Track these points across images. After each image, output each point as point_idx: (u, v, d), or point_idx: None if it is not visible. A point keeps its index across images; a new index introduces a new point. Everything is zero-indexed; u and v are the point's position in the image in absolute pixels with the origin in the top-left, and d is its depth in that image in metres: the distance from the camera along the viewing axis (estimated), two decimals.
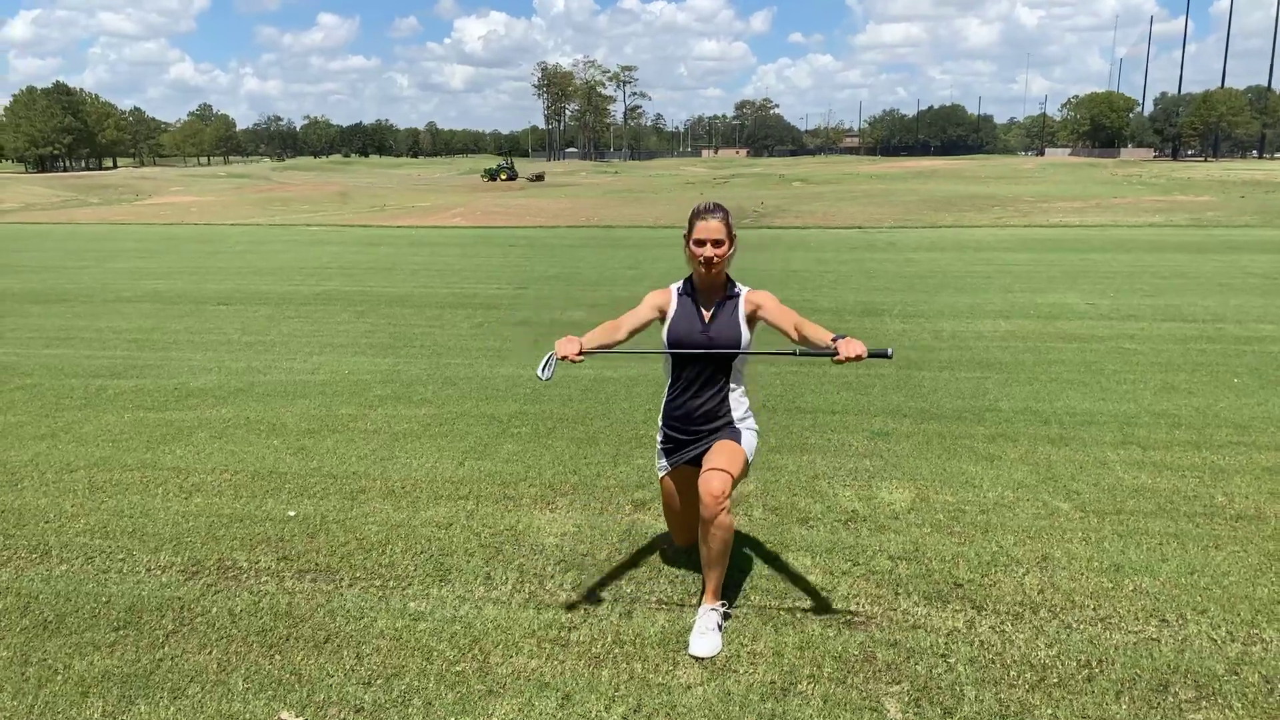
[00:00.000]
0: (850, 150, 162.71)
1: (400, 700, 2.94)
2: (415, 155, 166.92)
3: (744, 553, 3.98)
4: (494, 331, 9.24)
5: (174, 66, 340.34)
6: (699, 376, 3.48)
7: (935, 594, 3.63)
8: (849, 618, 3.45)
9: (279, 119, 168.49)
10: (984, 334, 8.77)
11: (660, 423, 3.63)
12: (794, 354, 3.26)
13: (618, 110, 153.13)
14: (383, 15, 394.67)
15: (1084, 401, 6.32)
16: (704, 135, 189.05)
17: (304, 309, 10.84)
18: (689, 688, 3.01)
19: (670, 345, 3.46)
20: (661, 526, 4.28)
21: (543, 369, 3.18)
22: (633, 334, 3.44)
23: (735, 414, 3.51)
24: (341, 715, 2.87)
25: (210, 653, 3.23)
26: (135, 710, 2.90)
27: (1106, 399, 6.37)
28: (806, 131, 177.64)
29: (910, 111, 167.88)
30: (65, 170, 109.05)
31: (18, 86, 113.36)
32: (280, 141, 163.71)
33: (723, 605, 3.40)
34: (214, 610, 3.53)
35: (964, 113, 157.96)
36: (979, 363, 7.55)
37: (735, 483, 3.36)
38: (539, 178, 59.01)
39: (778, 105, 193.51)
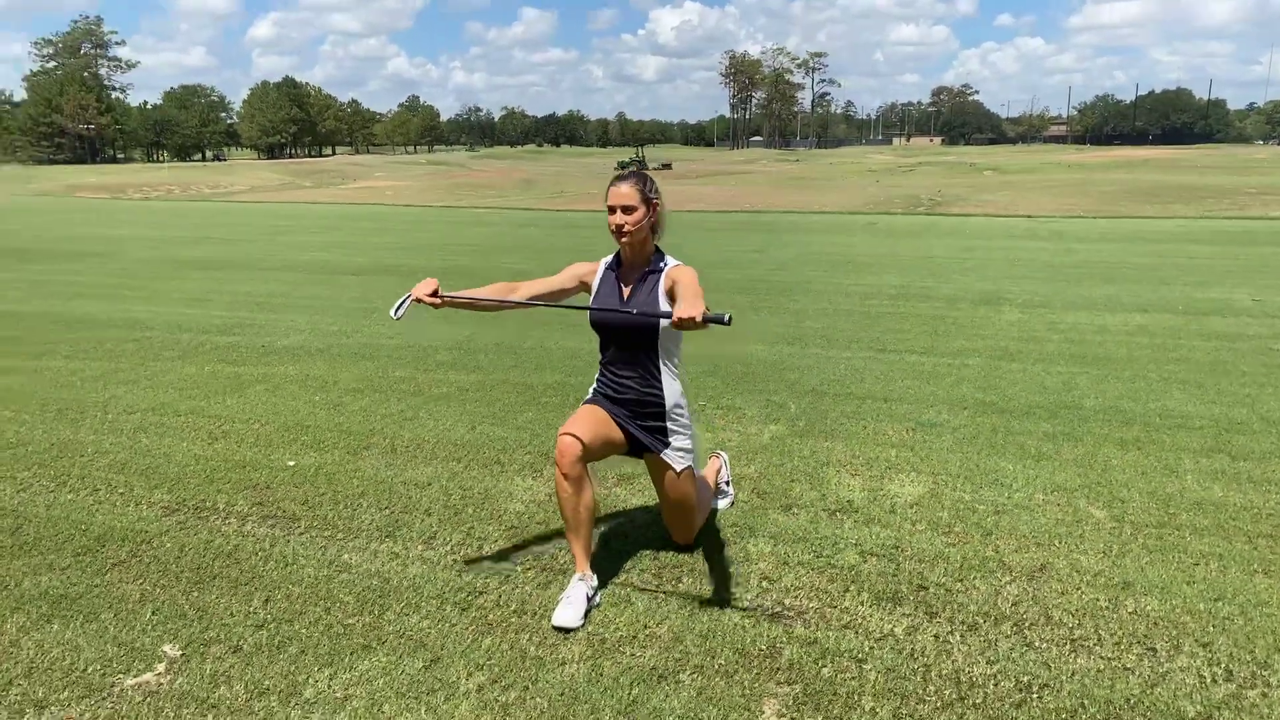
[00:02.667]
0: (1056, 139, 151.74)
1: (278, 645, 2.94)
2: (604, 145, 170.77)
3: (703, 535, 3.72)
4: None
5: (391, 61, 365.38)
6: (622, 354, 3.27)
7: (890, 595, 3.25)
8: (778, 610, 3.15)
9: (479, 110, 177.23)
10: (1107, 328, 7.86)
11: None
12: (630, 313, 3.10)
13: (805, 98, 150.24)
14: (581, 7, 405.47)
15: (1185, 403, 5.51)
16: (896, 123, 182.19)
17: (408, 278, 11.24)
18: (563, 664, 2.83)
19: (592, 323, 3.28)
20: (634, 503, 4.09)
21: (396, 308, 3.14)
22: (535, 299, 3.26)
23: (668, 400, 3.28)
24: (218, 654, 2.90)
25: (139, 583, 3.36)
26: (47, 629, 3.05)
27: (1215, 402, 5.53)
28: (1007, 119, 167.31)
29: (1128, 97, 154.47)
30: (291, 157, 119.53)
31: (257, 82, 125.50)
32: (479, 131, 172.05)
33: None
34: (167, 545, 3.68)
35: (1190, 98, 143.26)
36: (1081, 357, 6.77)
37: (696, 505, 3.45)
38: (666, 166, 61.04)
39: (977, 91, 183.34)
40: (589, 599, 3.13)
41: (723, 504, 4.02)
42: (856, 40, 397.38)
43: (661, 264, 3.25)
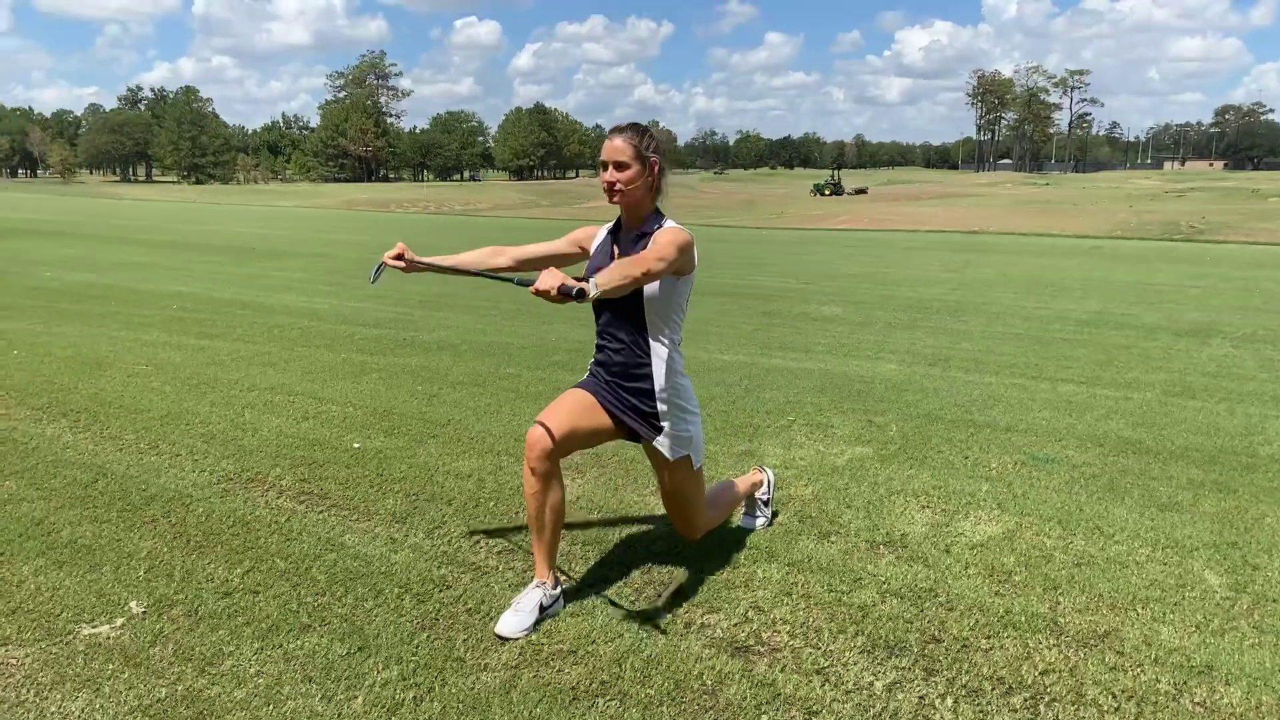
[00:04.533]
0: None
1: (229, 614, 2.92)
2: (839, 168, 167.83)
3: (713, 553, 3.36)
4: (724, 318, 8.90)
5: (638, 89, 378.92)
6: (610, 323, 2.98)
7: (891, 643, 2.75)
8: (750, 644, 2.75)
9: (714, 133, 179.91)
10: None
11: None
12: (476, 274, 2.96)
13: (1062, 119, 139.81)
14: (826, 31, 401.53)
15: None
16: (1169, 145, 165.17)
17: None
18: (481, 670, 2.61)
19: None
20: (644, 503, 3.79)
21: (372, 274, 3.07)
22: (525, 263, 3.04)
23: (658, 378, 2.95)
24: (174, 615, 2.92)
25: (152, 541, 3.49)
26: (54, 574, 3.22)
27: None
28: None
29: None
30: (538, 179, 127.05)
31: (515, 108, 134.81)
32: (714, 155, 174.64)
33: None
34: (198, 510, 3.81)
35: None
36: None
37: (704, 502, 3.17)
38: (860, 191, 59.69)
39: (1271, 110, 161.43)
40: (542, 607, 2.88)
41: (756, 524, 3.63)
42: (1127, 57, 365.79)
43: (656, 224, 2.92)
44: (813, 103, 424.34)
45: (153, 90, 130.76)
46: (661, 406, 2.96)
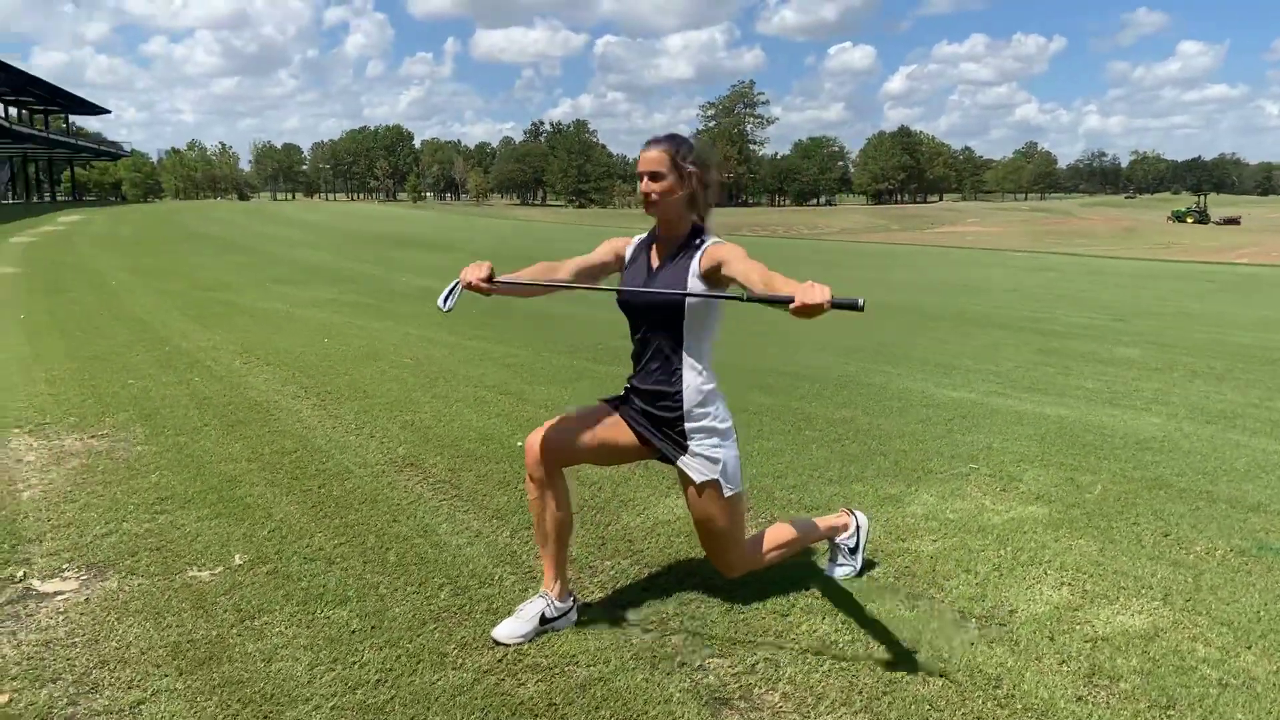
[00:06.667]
0: None
1: (302, 575, 3.23)
2: (1264, 193, 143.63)
3: (767, 593, 3.08)
4: (987, 352, 8.01)
5: (1019, 108, 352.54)
6: (646, 339, 2.87)
7: (869, 700, 2.34)
8: (734, 696, 2.49)
9: (1103, 154, 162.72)
10: None
11: None
12: (741, 299, 2.49)
13: None
14: (1256, 37, 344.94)
15: None
16: None
17: (847, 312, 10.86)
18: (457, 668, 2.63)
19: (619, 302, 2.93)
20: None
21: (444, 298, 2.83)
22: (579, 275, 2.99)
23: (688, 401, 2.78)
24: (256, 572, 3.28)
25: (295, 506, 3.94)
26: (211, 523, 3.75)
27: None
28: None
29: None
30: (897, 203, 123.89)
31: (877, 132, 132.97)
32: (1100, 178, 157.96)
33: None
34: (347, 485, 4.24)
35: None
36: None
37: (740, 537, 2.91)
38: (1232, 221, 50.26)
39: None
40: (545, 619, 2.83)
41: (838, 573, 3.27)
42: None
43: (700, 240, 2.79)
44: (1237, 118, 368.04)
45: (551, 124, 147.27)
46: (690, 425, 2.79)
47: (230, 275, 15.21)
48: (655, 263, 2.87)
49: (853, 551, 3.28)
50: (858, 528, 3.29)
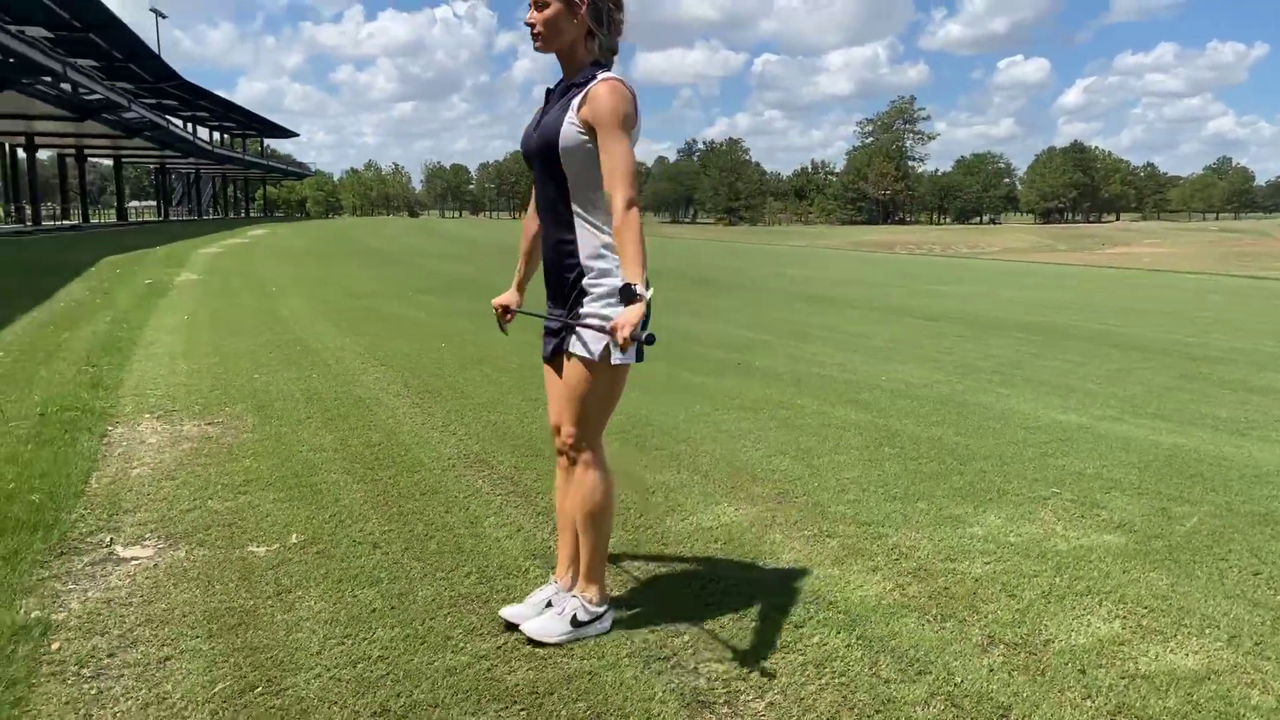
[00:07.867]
0: None
1: (345, 556, 3.40)
2: None
3: (785, 604, 3.01)
4: (1122, 375, 7.44)
5: (1213, 121, 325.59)
6: (540, 197, 2.75)
7: None
8: (712, 702, 2.45)
9: None
10: None
11: None
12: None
13: None
14: None
15: None
16: None
17: (977, 330, 10.36)
18: (456, 651, 2.70)
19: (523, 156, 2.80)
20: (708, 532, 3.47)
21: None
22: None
23: (583, 252, 2.63)
24: (304, 552, 3.48)
25: (363, 495, 4.14)
26: (284, 505, 4.00)
27: None
28: None
29: None
30: (1068, 222, 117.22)
31: (1048, 148, 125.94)
32: None
33: (590, 602, 2.80)
34: (415, 478, 4.41)
35: None
36: None
37: (591, 418, 2.70)
38: None
39: None
40: (576, 621, 2.79)
41: (535, 623, 2.81)
42: None
43: (588, 76, 2.58)
44: None
45: (704, 143, 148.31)
46: (587, 280, 2.64)
47: (379, 284, 16.14)
48: (543, 107, 2.74)
49: (578, 622, 2.79)
50: (598, 616, 2.82)
